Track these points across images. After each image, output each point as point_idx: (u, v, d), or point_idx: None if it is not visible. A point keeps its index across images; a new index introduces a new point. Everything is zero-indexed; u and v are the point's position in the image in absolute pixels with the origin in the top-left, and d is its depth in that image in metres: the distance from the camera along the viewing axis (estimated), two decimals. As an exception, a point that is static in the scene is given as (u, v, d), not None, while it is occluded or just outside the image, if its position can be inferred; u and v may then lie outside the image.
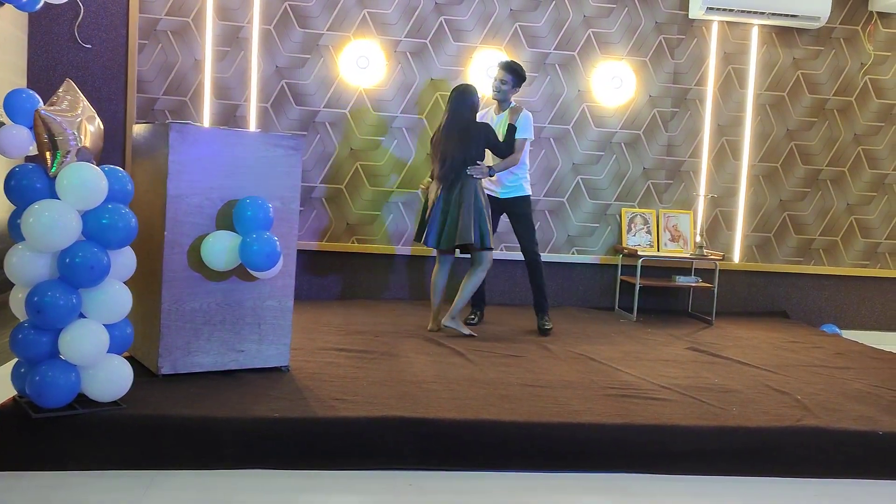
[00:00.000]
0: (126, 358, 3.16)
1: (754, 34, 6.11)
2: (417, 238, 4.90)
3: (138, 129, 3.77)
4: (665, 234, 6.01)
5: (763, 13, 5.81)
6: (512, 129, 4.94)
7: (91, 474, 2.87)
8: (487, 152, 4.91)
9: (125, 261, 3.06)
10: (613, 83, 5.97)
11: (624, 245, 5.96)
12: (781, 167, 6.22)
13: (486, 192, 4.99)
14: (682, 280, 5.89)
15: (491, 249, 4.80)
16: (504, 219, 5.24)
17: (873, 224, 6.32)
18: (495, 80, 5.03)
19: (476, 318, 5.24)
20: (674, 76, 6.07)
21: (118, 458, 2.92)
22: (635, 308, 5.68)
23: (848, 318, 6.33)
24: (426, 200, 4.92)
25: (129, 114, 5.52)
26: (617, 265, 6.04)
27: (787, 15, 5.82)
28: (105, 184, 2.88)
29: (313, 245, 5.80)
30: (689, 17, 6.00)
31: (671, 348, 4.81)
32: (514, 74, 4.99)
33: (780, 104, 6.18)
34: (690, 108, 6.11)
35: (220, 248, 3.38)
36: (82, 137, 2.91)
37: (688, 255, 5.87)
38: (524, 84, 5.15)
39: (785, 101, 6.18)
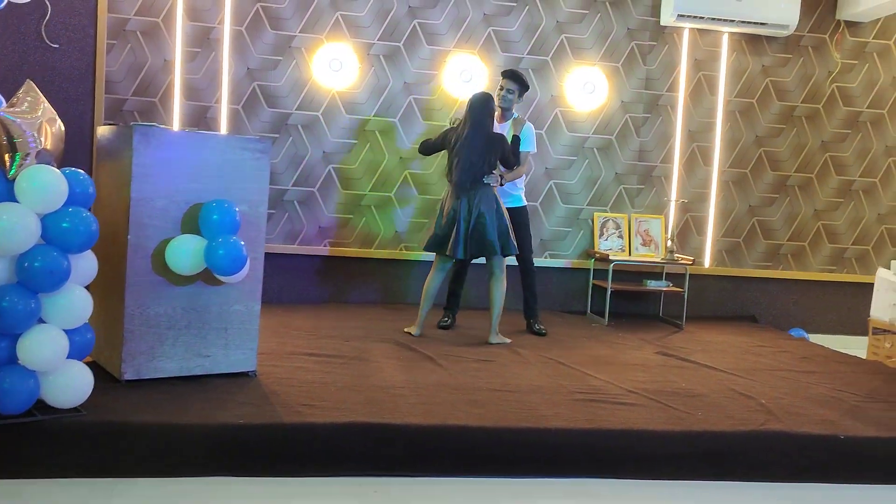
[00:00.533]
0: (88, 363, 3.11)
1: (724, 41, 6.17)
2: (434, 248, 4.83)
3: (102, 131, 3.72)
4: (637, 239, 6.04)
5: (733, 21, 5.86)
6: (517, 140, 5.00)
7: (50, 482, 2.82)
8: None
9: (86, 265, 3.02)
10: (586, 88, 6.00)
11: (596, 249, 5.99)
12: (751, 173, 6.28)
13: None
14: (652, 284, 5.93)
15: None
16: None
17: (840, 230, 6.40)
18: (501, 89, 5.08)
19: (449, 321, 5.24)
20: (646, 82, 6.11)
21: (78, 465, 2.88)
22: (607, 312, 5.71)
23: (815, 322, 6.40)
24: (442, 210, 4.85)
25: (96, 115, 5.46)
26: (589, 269, 6.07)
27: (756, 23, 5.88)
28: (65, 187, 2.84)
29: (285, 248, 5.76)
30: (661, 23, 6.04)
31: (641, 352, 4.84)
32: (519, 83, 5.06)
33: (749, 111, 6.24)
34: (662, 113, 6.15)
35: (185, 252, 3.34)
36: (42, 139, 2.87)
37: (659, 260, 5.91)
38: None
39: (754, 108, 6.25)
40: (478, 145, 4.72)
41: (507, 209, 5.03)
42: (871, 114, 6.34)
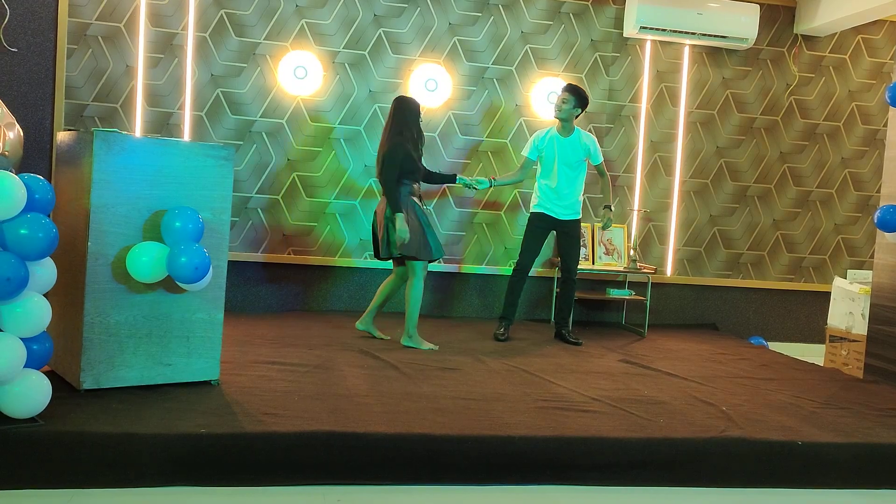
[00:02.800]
0: (46, 373, 3.06)
1: (686, 54, 6.28)
2: (438, 254, 4.83)
3: (62, 137, 3.66)
4: (600, 248, 6.10)
5: (694, 34, 5.97)
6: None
7: (6, 493, 2.76)
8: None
9: (45, 272, 2.96)
10: (550, 98, 6.05)
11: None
12: (711, 183, 6.39)
13: (543, 211, 5.30)
14: (615, 293, 5.99)
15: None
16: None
17: (798, 239, 6.53)
18: (558, 99, 5.26)
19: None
20: (609, 93, 6.19)
21: (35, 476, 2.81)
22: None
23: (774, 330, 6.52)
24: (425, 215, 4.86)
25: (56, 120, 5.38)
26: (553, 278, 6.11)
27: (716, 36, 6.00)
28: (23, 193, 2.79)
29: (248, 256, 5.71)
30: (624, 35, 6.13)
31: (604, 360, 4.88)
32: (576, 96, 5.23)
33: (710, 122, 6.35)
34: (625, 124, 6.24)
35: (147, 260, 3.30)
36: (0, 145, 2.82)
37: (622, 269, 5.98)
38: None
39: (715, 119, 6.36)
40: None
41: (567, 220, 5.30)
42: (828, 126, 6.49)
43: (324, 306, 5.90)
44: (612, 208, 5.19)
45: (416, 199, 4.80)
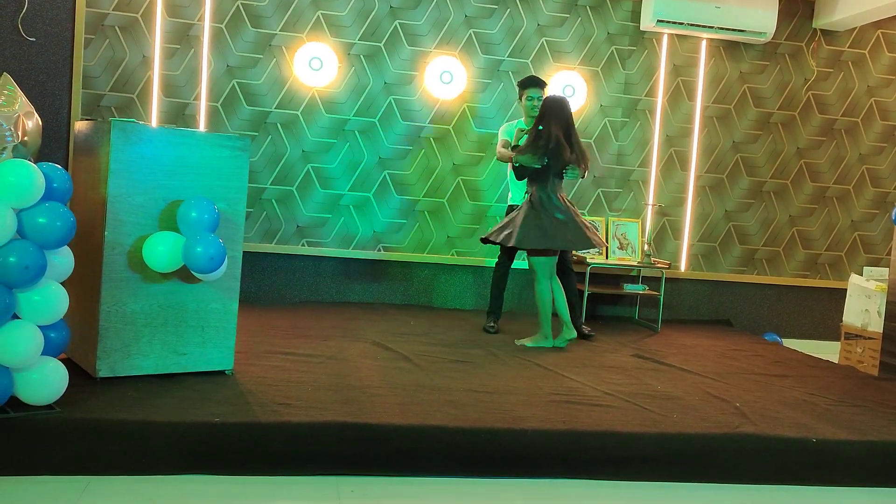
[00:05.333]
0: (63, 360, 3.08)
1: (703, 48, 6.24)
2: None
3: (80, 127, 3.68)
4: (614, 242, 6.08)
5: (712, 27, 5.93)
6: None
7: (23, 479, 2.79)
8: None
9: (63, 261, 2.98)
10: (566, 92, 6.03)
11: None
12: (727, 178, 6.35)
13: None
14: (629, 288, 5.98)
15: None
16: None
17: (814, 236, 6.49)
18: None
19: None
20: (625, 86, 6.16)
21: (52, 462, 2.84)
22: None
23: (789, 326, 6.49)
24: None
25: (73, 110, 5.40)
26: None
27: (734, 30, 5.95)
28: (42, 181, 2.80)
29: (262, 247, 5.73)
30: (641, 28, 6.10)
31: (617, 355, 4.87)
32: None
33: (726, 117, 6.31)
34: (640, 118, 6.20)
35: (162, 250, 3.32)
36: (19, 133, 2.84)
37: (635, 264, 5.96)
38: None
39: (731, 114, 6.32)
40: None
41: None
42: (846, 122, 6.43)
43: (337, 298, 5.92)
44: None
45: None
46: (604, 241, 5.00)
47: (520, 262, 5.49)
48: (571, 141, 4.82)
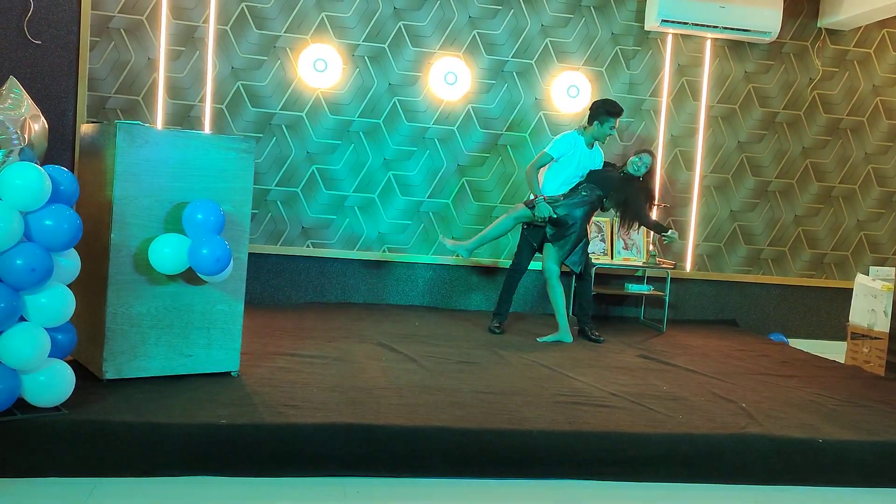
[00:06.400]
0: (69, 362, 3.09)
1: (707, 47, 6.23)
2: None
3: (86, 129, 3.70)
4: (619, 243, 6.08)
5: (716, 27, 5.92)
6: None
7: (30, 481, 2.80)
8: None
9: (69, 263, 3.00)
10: (570, 92, 6.03)
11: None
12: (732, 178, 6.34)
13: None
14: (634, 288, 5.97)
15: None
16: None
17: (820, 235, 6.47)
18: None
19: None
20: (629, 87, 6.15)
21: (59, 464, 2.85)
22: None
23: (794, 326, 6.47)
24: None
25: (79, 112, 5.42)
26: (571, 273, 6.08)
27: (739, 29, 5.94)
28: (48, 184, 2.82)
29: (267, 249, 5.74)
30: (645, 28, 6.09)
31: (622, 356, 4.86)
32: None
33: (731, 116, 6.30)
34: (645, 118, 6.20)
35: (168, 252, 3.33)
36: (26, 136, 2.85)
37: (641, 264, 5.95)
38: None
39: (736, 114, 6.31)
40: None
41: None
42: (852, 121, 6.42)
43: (342, 299, 5.92)
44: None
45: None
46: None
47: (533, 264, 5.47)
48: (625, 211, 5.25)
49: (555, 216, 5.03)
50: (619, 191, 5.20)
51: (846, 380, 4.68)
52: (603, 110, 5.11)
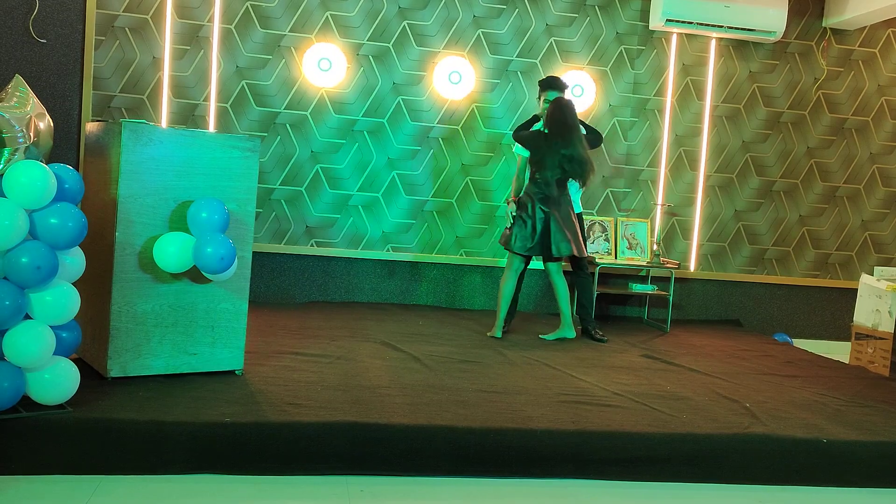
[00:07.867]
0: (74, 360, 3.10)
1: (712, 47, 6.22)
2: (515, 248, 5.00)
3: (91, 128, 3.71)
4: (623, 242, 6.07)
5: (721, 26, 5.91)
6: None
7: (35, 479, 2.81)
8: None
9: (74, 261, 3.01)
10: (574, 91, 6.02)
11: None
12: (736, 178, 6.33)
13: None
14: (638, 288, 5.96)
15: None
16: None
17: (824, 235, 6.46)
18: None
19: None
20: (633, 86, 6.15)
21: (63, 462, 2.86)
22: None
23: (799, 327, 6.46)
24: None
25: (84, 111, 5.43)
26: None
27: (744, 29, 5.93)
28: (53, 182, 2.82)
29: (271, 247, 5.75)
30: (650, 28, 6.08)
31: (626, 355, 4.86)
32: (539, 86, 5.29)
33: (736, 116, 6.29)
34: (649, 118, 6.19)
35: (173, 250, 3.33)
36: (31, 135, 2.86)
37: (644, 264, 5.94)
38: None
39: (741, 114, 6.30)
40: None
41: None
42: (856, 121, 6.41)
43: (346, 298, 5.93)
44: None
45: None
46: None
47: (534, 263, 5.46)
48: (570, 148, 4.89)
49: (513, 215, 5.03)
50: (546, 151, 4.94)
51: (850, 380, 4.68)
52: (539, 86, 5.26)
